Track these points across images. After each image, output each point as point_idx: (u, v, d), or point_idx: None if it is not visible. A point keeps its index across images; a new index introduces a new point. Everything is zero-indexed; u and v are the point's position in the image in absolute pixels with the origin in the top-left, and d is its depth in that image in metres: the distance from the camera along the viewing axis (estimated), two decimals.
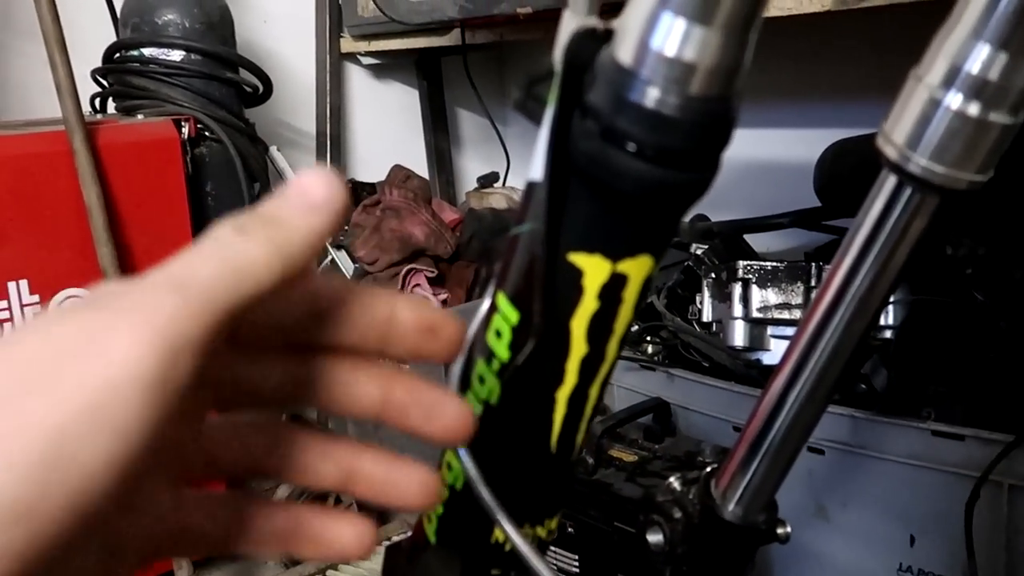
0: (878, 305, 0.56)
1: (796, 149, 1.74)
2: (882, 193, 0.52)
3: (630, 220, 0.43)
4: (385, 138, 2.23)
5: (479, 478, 0.49)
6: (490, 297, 0.49)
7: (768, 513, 0.65)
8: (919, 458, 1.11)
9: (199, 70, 1.51)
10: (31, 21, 1.60)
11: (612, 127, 0.40)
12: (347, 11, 1.99)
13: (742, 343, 1.35)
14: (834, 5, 1.15)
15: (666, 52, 0.39)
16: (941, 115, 0.47)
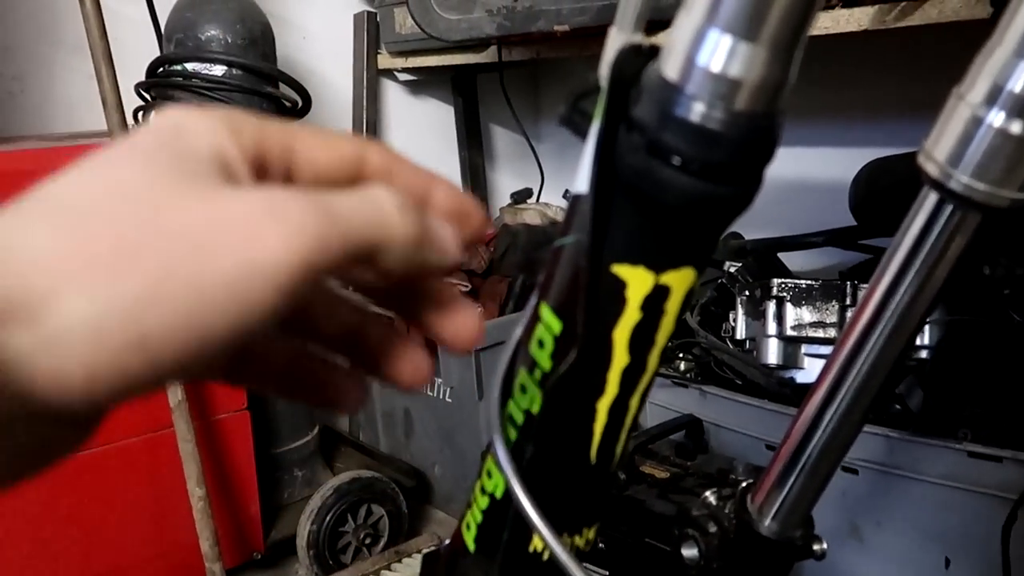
0: (917, 323, 0.56)
1: (831, 168, 1.74)
2: (923, 211, 0.52)
3: (673, 233, 0.44)
4: (420, 153, 2.24)
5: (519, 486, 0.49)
6: (533, 307, 0.49)
7: (804, 529, 0.65)
8: (955, 479, 1.10)
9: (240, 85, 1.54)
10: (77, 36, 1.64)
11: (657, 141, 0.41)
12: (385, 28, 2.02)
13: (776, 361, 1.35)
14: (871, 24, 1.15)
15: (712, 68, 0.39)
16: (983, 133, 0.47)
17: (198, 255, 0.25)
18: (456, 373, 1.68)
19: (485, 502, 0.56)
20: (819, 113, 1.81)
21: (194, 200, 0.26)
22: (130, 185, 0.27)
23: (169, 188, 0.27)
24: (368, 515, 1.64)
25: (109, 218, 0.26)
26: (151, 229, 0.26)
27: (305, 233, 0.26)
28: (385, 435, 1.99)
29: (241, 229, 0.26)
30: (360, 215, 0.29)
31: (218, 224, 0.26)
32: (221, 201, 0.27)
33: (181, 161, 0.28)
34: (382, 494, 1.65)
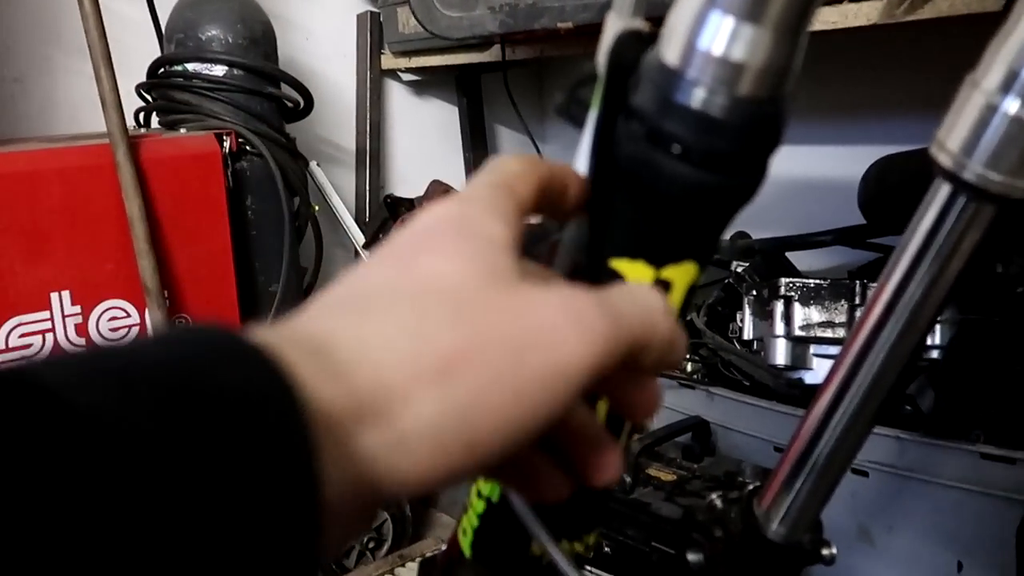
0: (929, 321, 0.54)
1: (840, 166, 1.72)
2: (935, 203, 0.50)
3: (674, 225, 0.42)
4: (424, 154, 2.24)
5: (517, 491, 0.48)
6: None
7: (813, 533, 0.63)
8: (968, 481, 1.08)
9: (241, 85, 1.53)
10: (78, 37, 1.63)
11: (657, 129, 0.39)
12: (388, 28, 2.01)
13: (784, 362, 1.33)
14: (880, 18, 1.13)
15: (714, 52, 0.38)
16: (998, 121, 0.46)
17: (517, 359, 0.28)
18: None
19: (481, 506, 0.54)
20: (828, 111, 1.79)
21: (506, 303, 0.29)
22: (448, 281, 0.29)
23: (485, 287, 0.29)
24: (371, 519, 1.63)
25: (443, 320, 0.28)
26: (480, 334, 0.28)
27: (599, 337, 0.29)
28: None
29: (549, 334, 0.28)
30: (637, 318, 0.31)
31: (530, 329, 0.28)
32: (528, 304, 0.29)
33: (485, 253, 0.30)
34: None
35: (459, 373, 0.27)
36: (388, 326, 0.28)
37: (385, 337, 0.27)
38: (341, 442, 0.26)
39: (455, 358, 0.27)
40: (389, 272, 0.30)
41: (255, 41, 1.56)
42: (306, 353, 0.26)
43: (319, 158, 1.95)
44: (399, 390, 0.26)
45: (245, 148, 1.50)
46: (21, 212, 1.24)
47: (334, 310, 0.29)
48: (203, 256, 1.41)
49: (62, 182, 1.28)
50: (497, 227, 0.32)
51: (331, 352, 0.27)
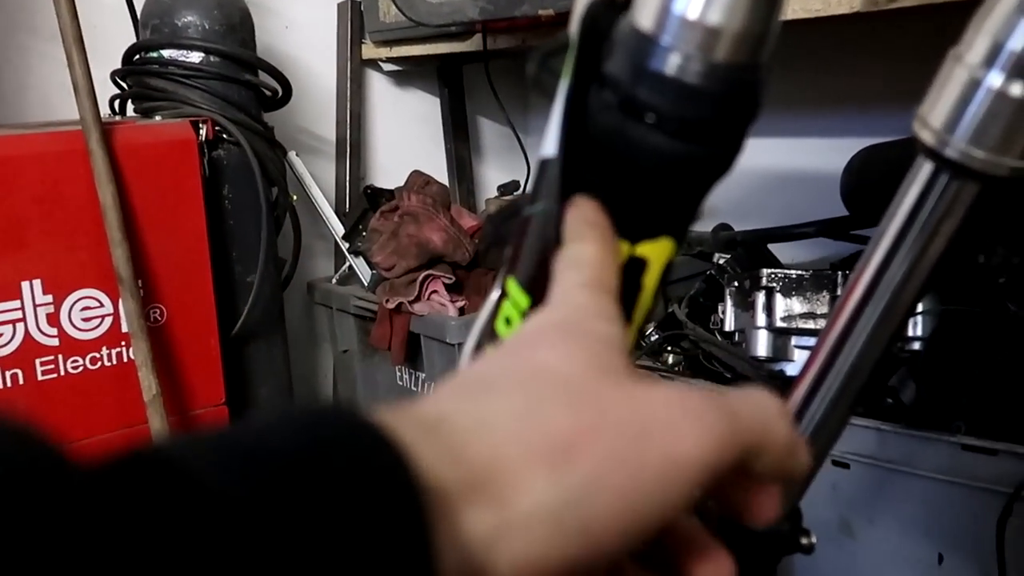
0: (910, 303, 0.53)
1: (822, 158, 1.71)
2: (917, 181, 0.49)
3: (649, 199, 0.41)
4: (405, 146, 2.22)
5: None
6: (500, 283, 0.46)
7: (792, 522, 0.62)
8: (949, 473, 1.08)
9: (218, 72, 1.50)
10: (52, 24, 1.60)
11: (631, 98, 0.38)
12: (369, 17, 1.98)
13: (765, 353, 1.32)
14: (863, 6, 1.12)
15: (689, 16, 0.36)
16: (982, 96, 0.44)
17: (636, 446, 0.27)
18: (439, 367, 1.65)
19: None
20: (810, 102, 1.79)
21: (622, 394, 0.29)
22: (564, 371, 0.29)
23: (598, 379, 0.30)
24: None
25: (560, 403, 0.28)
26: (598, 418, 0.28)
27: (714, 435, 0.29)
28: None
29: (666, 426, 0.28)
30: (753, 419, 0.31)
31: (648, 419, 0.28)
32: (644, 396, 0.29)
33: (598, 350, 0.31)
34: None
35: (577, 455, 0.27)
36: (504, 408, 0.28)
37: (501, 418, 0.28)
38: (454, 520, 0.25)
39: (573, 440, 0.27)
40: (505, 362, 0.31)
41: (232, 28, 1.54)
42: (422, 432, 0.26)
43: (298, 148, 1.93)
44: (514, 470, 0.26)
45: (222, 136, 1.48)
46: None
47: (451, 394, 0.30)
48: (178, 246, 1.39)
49: (34, 169, 1.26)
50: (605, 327, 0.33)
51: (447, 431, 0.27)
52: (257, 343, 1.60)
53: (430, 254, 1.66)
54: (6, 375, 1.25)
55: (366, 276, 1.83)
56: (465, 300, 1.66)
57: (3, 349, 1.24)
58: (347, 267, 1.91)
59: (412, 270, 1.65)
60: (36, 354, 1.27)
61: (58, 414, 1.30)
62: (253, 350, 1.60)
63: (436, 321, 1.62)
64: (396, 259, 1.66)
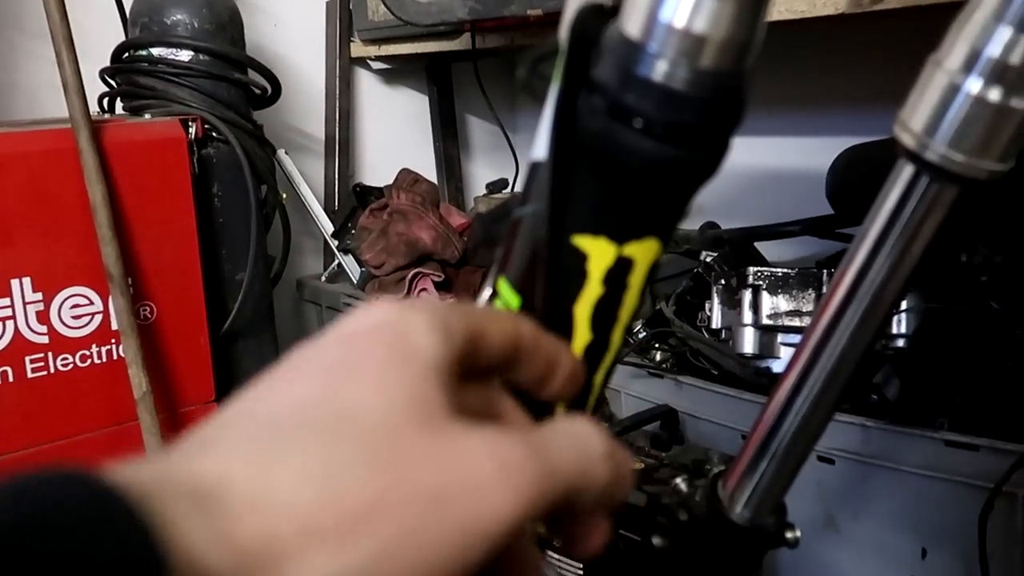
0: (891, 302, 0.54)
1: (808, 157, 1.73)
2: (898, 184, 0.50)
3: (637, 201, 0.42)
4: (394, 143, 2.23)
5: None
6: (491, 282, 0.47)
7: (777, 516, 0.63)
8: (932, 468, 1.10)
9: (207, 70, 1.51)
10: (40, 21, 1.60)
11: (619, 103, 0.39)
12: (358, 15, 1.99)
13: (752, 350, 1.34)
14: (848, 8, 1.13)
15: (676, 24, 0.37)
16: (960, 101, 0.45)
17: (434, 514, 0.26)
18: None
19: None
20: (796, 102, 1.80)
21: (430, 449, 0.27)
22: (371, 418, 0.27)
23: (409, 426, 0.27)
24: None
25: (359, 466, 0.25)
26: (396, 486, 0.26)
27: (527, 490, 0.27)
28: None
29: (472, 486, 0.26)
30: (573, 464, 0.30)
31: (452, 480, 0.26)
32: (453, 450, 0.27)
33: (416, 383, 0.28)
34: None
35: (366, 529, 0.25)
36: (294, 472, 0.25)
37: (287, 485, 0.25)
38: None
39: (363, 511, 0.25)
40: (308, 394, 0.27)
41: (222, 26, 1.54)
42: (191, 505, 0.23)
43: (288, 146, 1.93)
44: (290, 552, 0.24)
45: (211, 134, 1.48)
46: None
47: (236, 439, 0.26)
48: (168, 243, 1.40)
49: (23, 167, 1.26)
50: (435, 345, 0.29)
51: (221, 505, 0.24)
52: (247, 340, 1.61)
53: (419, 252, 1.66)
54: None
55: (355, 274, 1.84)
56: (454, 298, 1.66)
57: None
58: (336, 265, 1.92)
59: (401, 268, 1.66)
60: (26, 352, 1.28)
61: (48, 412, 1.30)
62: (243, 347, 1.60)
63: None
64: (385, 257, 1.67)
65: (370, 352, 0.29)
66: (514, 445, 0.28)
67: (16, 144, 1.28)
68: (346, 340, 0.29)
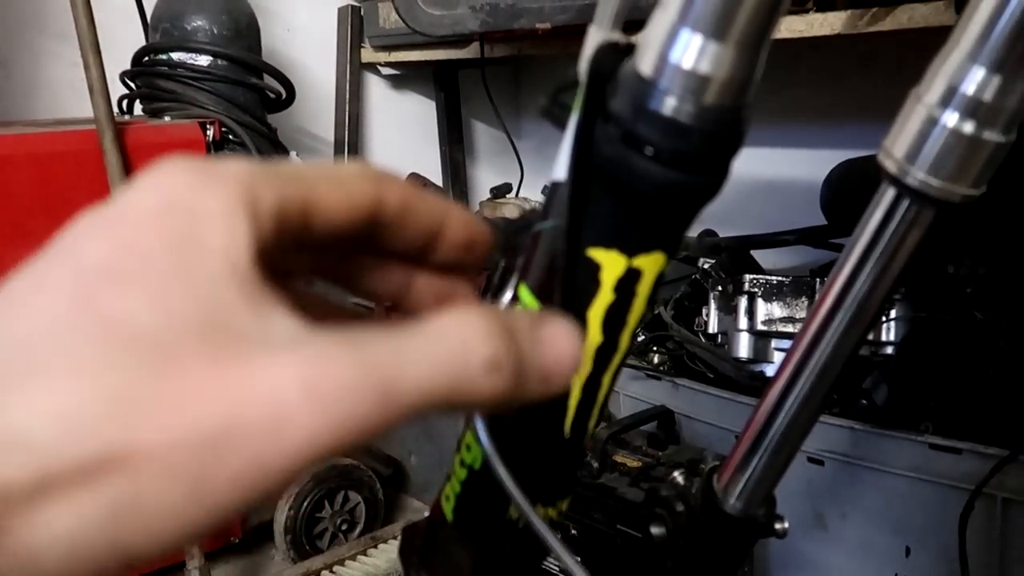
0: (875, 311, 0.59)
1: (804, 168, 1.77)
2: (881, 205, 0.55)
3: (646, 218, 0.47)
4: (401, 147, 2.28)
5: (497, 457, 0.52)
6: (512, 288, 0.52)
7: (767, 508, 0.68)
8: (917, 470, 1.14)
9: (225, 75, 1.55)
10: (61, 23, 1.65)
11: (632, 132, 0.44)
12: (368, 22, 2.04)
13: (746, 355, 1.39)
14: (844, 28, 1.18)
15: (683, 65, 0.42)
16: (938, 132, 0.50)
17: (210, 456, 0.21)
18: None
19: (464, 474, 0.58)
20: (792, 115, 1.85)
21: (216, 371, 0.21)
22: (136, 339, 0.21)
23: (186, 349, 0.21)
24: (345, 502, 1.66)
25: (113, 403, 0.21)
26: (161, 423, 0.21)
27: (344, 413, 0.22)
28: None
29: (266, 417, 0.21)
30: (432, 377, 0.23)
31: (239, 412, 0.21)
32: (247, 372, 0.22)
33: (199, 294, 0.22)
34: (359, 481, 1.67)
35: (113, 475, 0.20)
36: (34, 404, 0.20)
37: (26, 421, 0.20)
38: None
39: (114, 455, 0.20)
40: (58, 306, 0.22)
41: (240, 32, 1.59)
42: None
43: (298, 148, 1.98)
44: (22, 498, 0.20)
45: (227, 137, 1.53)
46: (12, 195, 1.26)
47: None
48: None
49: (46, 166, 1.31)
50: (236, 233, 0.23)
51: None
52: None
53: None
54: None
55: None
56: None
57: None
58: None
59: None
60: None
61: None
62: None
63: None
64: None
65: (145, 247, 0.22)
66: (335, 360, 0.22)
67: (41, 144, 1.32)
68: (116, 228, 0.23)
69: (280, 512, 1.59)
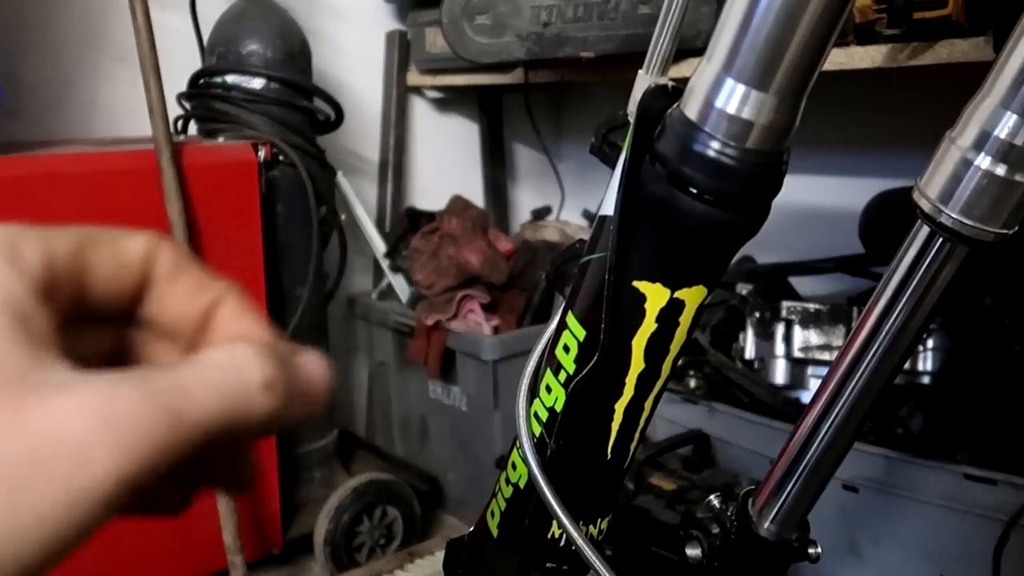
0: (910, 342, 0.61)
1: (842, 196, 1.79)
2: (916, 242, 0.57)
3: (689, 254, 0.50)
4: (444, 169, 2.32)
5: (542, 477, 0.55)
6: (561, 315, 0.55)
7: (800, 532, 0.70)
8: (951, 500, 1.15)
9: (277, 98, 1.60)
10: (120, 45, 1.72)
11: (678, 172, 0.47)
12: (415, 47, 2.09)
13: (783, 381, 1.40)
14: (884, 62, 1.20)
15: (728, 110, 0.45)
16: (971, 174, 0.52)
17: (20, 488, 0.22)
18: (472, 382, 1.74)
19: (509, 491, 0.61)
20: (832, 143, 1.86)
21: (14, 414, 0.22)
22: None
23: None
24: (383, 516, 1.69)
25: None
26: None
27: (141, 440, 0.23)
28: (401, 440, 2.04)
29: (68, 450, 0.22)
30: (214, 402, 0.25)
31: (44, 444, 0.22)
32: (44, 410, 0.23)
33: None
34: (398, 497, 1.70)
35: None
36: None
37: None
38: None
39: None
40: None
41: (292, 56, 1.64)
42: None
43: (344, 169, 2.02)
44: None
45: (278, 158, 1.58)
46: (72, 211, 1.31)
47: None
48: (236, 258, 1.49)
49: (109, 184, 1.36)
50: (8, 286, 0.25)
51: None
52: None
53: (468, 274, 1.75)
54: None
55: (404, 293, 1.92)
56: (499, 320, 1.74)
57: None
58: (386, 283, 2.00)
59: (450, 289, 1.74)
60: None
61: None
62: None
63: (471, 338, 1.71)
64: (436, 278, 1.75)
65: None
66: (125, 393, 0.23)
67: (103, 163, 1.38)
68: None
69: (320, 524, 1.62)
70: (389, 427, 2.07)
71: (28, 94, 1.70)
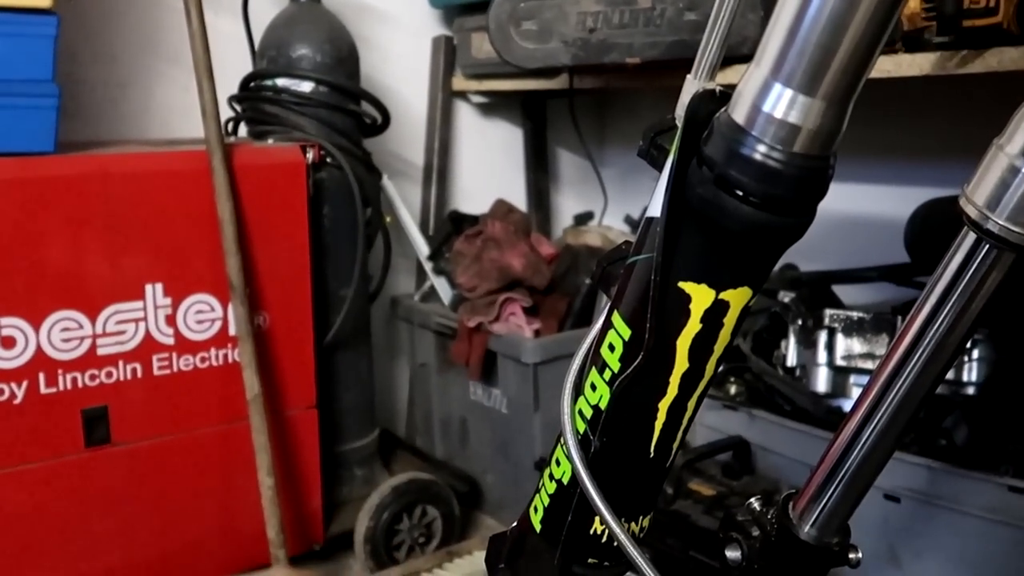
0: (954, 351, 0.61)
1: (888, 205, 1.78)
2: (962, 248, 0.57)
3: (734, 255, 0.51)
4: (488, 173, 2.34)
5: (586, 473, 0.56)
6: (607, 315, 0.56)
7: (841, 537, 0.70)
8: (994, 512, 1.14)
9: (325, 101, 1.63)
10: (174, 48, 1.76)
11: (724, 175, 0.48)
12: (461, 52, 2.11)
13: (824, 389, 1.40)
14: (933, 70, 1.19)
15: (775, 115, 0.46)
16: (1019, 181, 0.52)
17: None
18: (513, 384, 1.75)
19: (552, 487, 0.62)
20: (878, 151, 1.85)
21: None
22: None
23: None
24: (423, 516, 1.71)
25: None
26: None
27: None
28: (441, 441, 2.06)
29: None
30: None
31: None
32: None
33: None
34: (437, 496, 1.72)
35: None
36: None
37: None
38: None
39: None
40: None
41: (341, 60, 1.67)
42: None
43: (389, 172, 2.05)
44: None
45: (326, 160, 1.61)
46: (129, 208, 1.35)
47: None
48: (283, 259, 1.52)
49: (163, 184, 1.39)
50: None
51: None
52: (345, 352, 1.72)
53: (510, 278, 1.76)
54: (127, 368, 1.38)
55: (446, 295, 1.94)
56: (540, 323, 1.75)
57: (126, 344, 1.37)
58: (428, 285, 2.02)
59: (492, 292, 1.75)
60: (154, 351, 1.40)
61: (169, 407, 1.43)
62: (341, 358, 1.72)
63: (513, 341, 1.72)
64: (478, 281, 1.77)
65: None
66: None
67: (157, 163, 1.41)
68: None
69: (361, 522, 1.64)
70: (430, 428, 2.09)
71: (85, 95, 1.74)
